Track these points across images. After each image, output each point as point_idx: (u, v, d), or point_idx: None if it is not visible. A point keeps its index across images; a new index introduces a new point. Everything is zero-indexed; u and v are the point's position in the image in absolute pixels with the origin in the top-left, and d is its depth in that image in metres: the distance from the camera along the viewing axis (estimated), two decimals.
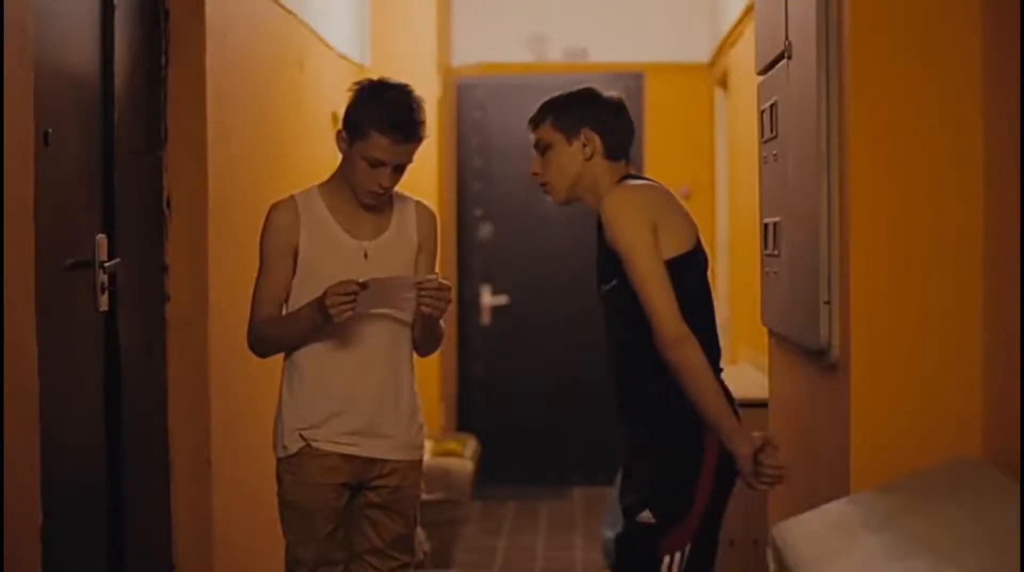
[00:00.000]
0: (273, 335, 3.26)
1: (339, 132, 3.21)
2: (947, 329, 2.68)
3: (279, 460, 3.29)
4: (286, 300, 3.25)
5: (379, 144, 3.14)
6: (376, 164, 3.16)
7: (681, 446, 2.98)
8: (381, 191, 3.20)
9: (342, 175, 3.26)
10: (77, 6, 3.13)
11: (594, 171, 3.07)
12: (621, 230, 2.94)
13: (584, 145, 3.06)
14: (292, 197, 3.28)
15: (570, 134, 3.07)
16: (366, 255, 3.24)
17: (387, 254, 3.26)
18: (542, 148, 3.11)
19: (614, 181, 3.06)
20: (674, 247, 2.96)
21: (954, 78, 2.67)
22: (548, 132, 3.10)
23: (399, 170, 3.20)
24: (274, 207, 3.27)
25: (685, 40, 7.61)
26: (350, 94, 3.23)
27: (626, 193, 3.01)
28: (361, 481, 3.28)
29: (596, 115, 3.09)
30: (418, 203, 3.37)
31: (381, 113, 3.15)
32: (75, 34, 3.12)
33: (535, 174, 3.14)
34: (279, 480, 3.30)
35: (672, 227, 2.97)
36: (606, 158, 3.08)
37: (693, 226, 3.04)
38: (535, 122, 3.13)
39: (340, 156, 3.25)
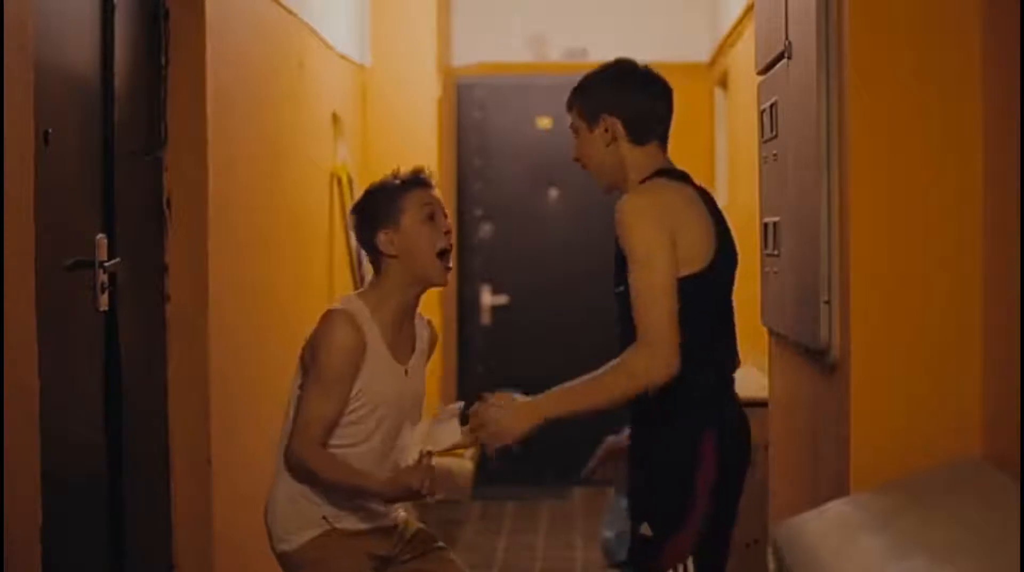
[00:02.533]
0: (329, 480, 3.09)
1: (376, 243, 3.16)
2: (947, 329, 2.68)
3: (290, 553, 3.13)
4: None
5: (419, 198, 3.18)
6: (431, 215, 3.17)
7: (676, 456, 2.91)
8: (450, 240, 3.18)
9: (384, 288, 3.18)
10: (77, 6, 3.13)
11: (619, 157, 2.95)
12: (632, 240, 2.82)
13: (605, 130, 2.95)
14: (353, 316, 3.11)
15: (592, 121, 2.97)
16: (407, 373, 3.21)
17: (418, 370, 3.26)
18: (575, 133, 3.03)
19: (644, 172, 2.93)
20: (688, 264, 2.84)
21: (954, 78, 2.67)
22: (576, 118, 3.01)
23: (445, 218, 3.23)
24: (339, 324, 3.09)
25: (685, 40, 7.61)
26: (354, 217, 3.23)
27: (645, 200, 2.87)
28: (388, 554, 3.21)
29: (617, 97, 2.96)
30: (421, 317, 3.33)
31: (396, 183, 3.20)
32: (75, 34, 3.12)
33: (576, 159, 3.06)
34: (289, 569, 3.15)
35: (689, 242, 2.84)
36: (631, 142, 2.95)
37: (712, 236, 2.90)
38: (568, 106, 3.04)
39: (369, 268, 3.26)
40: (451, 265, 3.22)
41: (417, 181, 3.22)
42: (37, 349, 2.59)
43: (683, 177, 2.99)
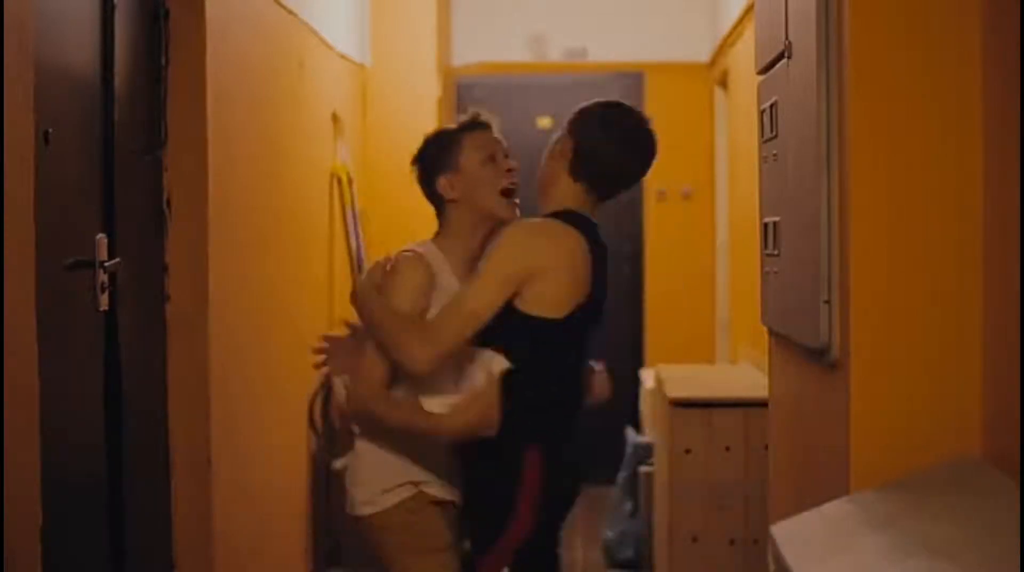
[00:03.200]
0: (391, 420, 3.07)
1: (437, 188, 3.15)
2: (947, 329, 2.68)
3: (375, 515, 3.10)
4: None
5: (477, 140, 3.14)
6: (491, 157, 3.12)
7: (499, 470, 2.95)
8: (515, 178, 3.13)
9: (449, 235, 3.18)
10: (77, 6, 3.13)
11: (555, 177, 3.02)
12: (490, 259, 2.90)
13: (561, 148, 3.03)
14: (423, 256, 3.10)
15: (564, 135, 3.05)
16: None
17: None
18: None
19: (556, 207, 2.98)
20: (544, 307, 2.89)
21: (954, 78, 2.67)
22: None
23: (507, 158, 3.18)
24: (410, 266, 3.08)
25: (685, 40, 7.61)
26: (415, 167, 3.21)
27: (525, 235, 2.93)
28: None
29: (586, 126, 3.01)
30: None
31: (451, 132, 3.18)
32: (75, 34, 3.12)
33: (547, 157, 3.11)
34: (374, 533, 3.11)
35: (545, 287, 2.88)
36: (568, 173, 3.00)
37: (580, 290, 2.92)
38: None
39: (432, 221, 3.22)
40: (518, 201, 3.15)
41: (474, 124, 3.19)
42: (37, 349, 2.59)
43: (585, 224, 2.98)
